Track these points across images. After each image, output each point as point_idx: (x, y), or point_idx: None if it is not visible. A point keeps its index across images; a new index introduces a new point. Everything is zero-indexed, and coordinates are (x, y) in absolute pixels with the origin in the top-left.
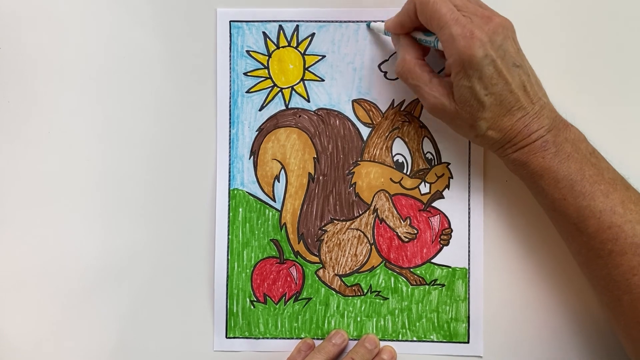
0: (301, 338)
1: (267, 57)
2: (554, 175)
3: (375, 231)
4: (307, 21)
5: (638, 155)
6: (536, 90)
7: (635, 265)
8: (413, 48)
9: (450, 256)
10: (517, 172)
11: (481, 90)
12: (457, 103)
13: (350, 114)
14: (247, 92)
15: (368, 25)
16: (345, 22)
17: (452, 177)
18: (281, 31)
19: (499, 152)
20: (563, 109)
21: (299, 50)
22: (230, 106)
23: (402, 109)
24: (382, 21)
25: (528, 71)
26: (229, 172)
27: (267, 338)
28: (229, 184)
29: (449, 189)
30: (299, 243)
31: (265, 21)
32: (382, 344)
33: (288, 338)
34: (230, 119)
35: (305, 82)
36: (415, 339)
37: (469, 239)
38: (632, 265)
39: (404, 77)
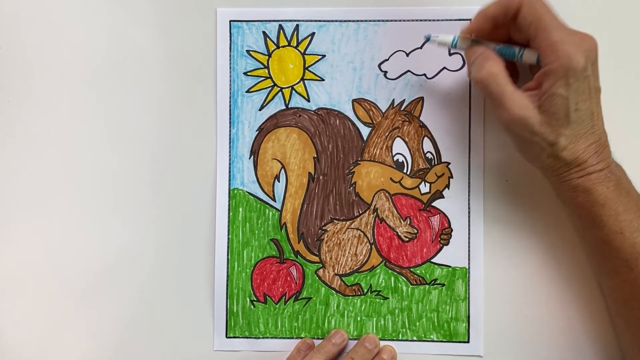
0: (301, 338)
1: (267, 57)
2: (615, 206)
3: (375, 231)
4: (307, 21)
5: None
6: (602, 119)
7: None
8: (496, 56)
9: (450, 256)
10: (574, 200)
11: (572, 104)
12: (543, 114)
13: (350, 113)
14: (247, 91)
15: (427, 39)
16: (345, 21)
17: (452, 177)
18: (281, 31)
19: (563, 176)
20: None
21: (299, 50)
22: (230, 106)
23: (402, 109)
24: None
25: (600, 100)
26: (229, 172)
27: (267, 338)
28: (229, 184)
29: (449, 189)
30: (299, 243)
31: (265, 21)
32: (382, 343)
33: (288, 338)
34: (230, 118)
35: (305, 81)
36: (415, 338)
37: (469, 238)
38: None
39: (486, 83)
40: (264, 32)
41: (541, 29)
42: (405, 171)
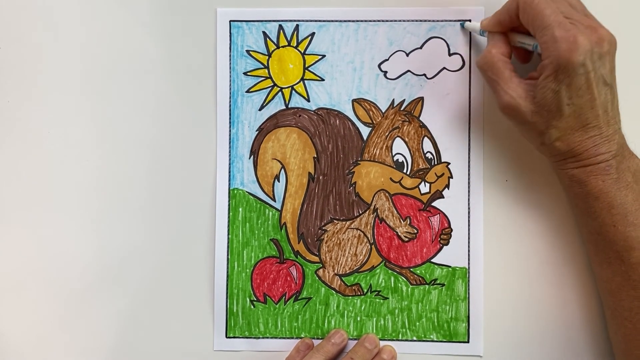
0: (301, 338)
1: (267, 57)
2: (610, 200)
3: (375, 231)
4: (307, 21)
5: None
6: (615, 113)
7: None
8: (502, 44)
9: (450, 256)
10: (571, 189)
11: (564, 98)
12: (535, 105)
13: (350, 113)
14: (247, 91)
15: (462, 25)
16: (345, 21)
17: (452, 177)
18: (281, 31)
19: (559, 165)
20: None
21: (299, 50)
22: (230, 106)
23: (402, 109)
24: (471, 21)
25: (615, 93)
26: (229, 172)
27: (267, 338)
28: (229, 184)
29: (448, 189)
30: (299, 243)
31: (265, 21)
32: (382, 343)
33: (288, 338)
34: (230, 118)
35: (305, 81)
36: (415, 338)
37: (468, 238)
38: None
39: (484, 69)
40: (264, 32)
41: (537, 27)
42: (405, 171)
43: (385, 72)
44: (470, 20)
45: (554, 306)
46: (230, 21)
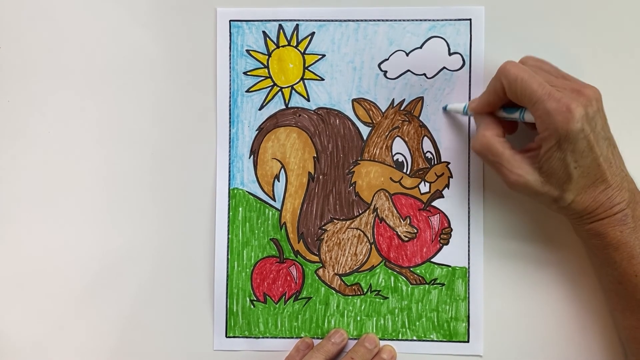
0: (301, 337)
1: (267, 57)
2: (630, 250)
3: (375, 230)
4: (307, 20)
5: None
6: (618, 162)
7: None
8: (494, 124)
9: (450, 255)
10: (589, 241)
11: (571, 163)
12: (543, 176)
13: (350, 113)
14: (247, 91)
15: (444, 109)
16: (345, 21)
17: (451, 177)
18: (281, 30)
19: (576, 222)
20: None
21: (298, 50)
22: (230, 105)
23: (402, 108)
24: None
25: (613, 143)
26: (229, 172)
27: (267, 337)
28: (229, 184)
29: (448, 188)
30: (298, 242)
31: (265, 20)
32: (382, 343)
33: (288, 337)
34: (230, 118)
35: (305, 81)
36: (415, 338)
37: (468, 238)
38: None
39: (482, 154)
40: (263, 32)
41: (527, 102)
42: (405, 171)
43: (385, 72)
44: (471, 20)
45: (554, 306)
46: (230, 21)
